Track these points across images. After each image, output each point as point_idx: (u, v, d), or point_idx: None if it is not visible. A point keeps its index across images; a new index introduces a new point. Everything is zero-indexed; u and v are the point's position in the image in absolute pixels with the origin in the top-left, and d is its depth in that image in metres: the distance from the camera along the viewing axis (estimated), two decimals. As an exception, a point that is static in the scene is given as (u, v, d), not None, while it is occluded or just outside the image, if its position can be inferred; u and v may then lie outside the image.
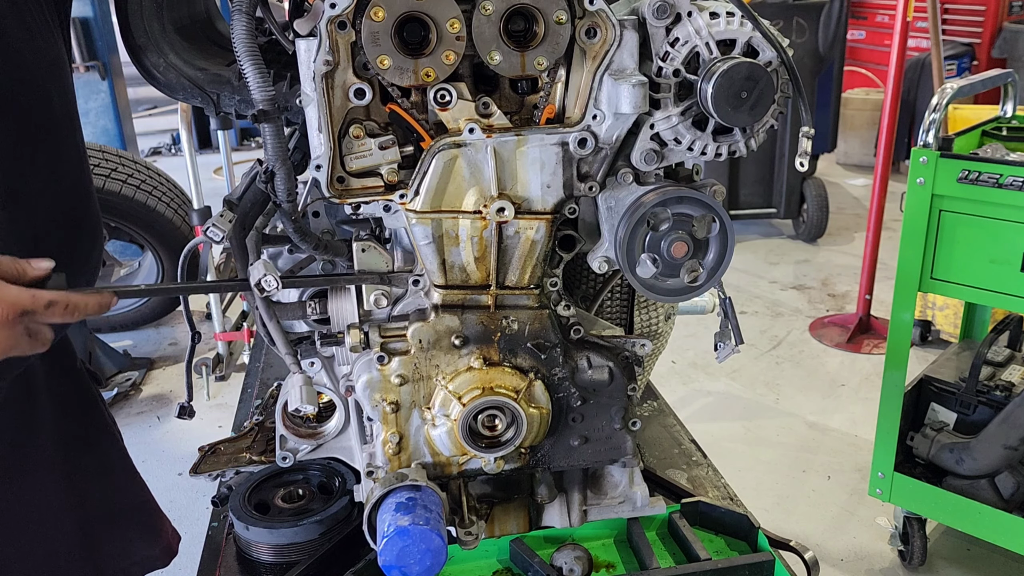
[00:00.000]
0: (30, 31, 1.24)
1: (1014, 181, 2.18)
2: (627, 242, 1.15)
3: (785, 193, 5.50)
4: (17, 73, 1.21)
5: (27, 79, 1.23)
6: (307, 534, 1.38)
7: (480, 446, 1.21)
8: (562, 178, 1.17)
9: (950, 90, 2.40)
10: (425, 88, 1.12)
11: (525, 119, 1.17)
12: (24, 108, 1.23)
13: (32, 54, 1.24)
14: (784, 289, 5.05)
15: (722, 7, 1.14)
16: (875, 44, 7.17)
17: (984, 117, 2.85)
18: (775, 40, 1.14)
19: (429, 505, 1.17)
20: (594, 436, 1.28)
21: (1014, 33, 6.47)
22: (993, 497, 2.50)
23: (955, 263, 2.35)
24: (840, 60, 5.49)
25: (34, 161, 1.26)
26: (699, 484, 1.60)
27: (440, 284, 1.20)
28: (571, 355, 1.24)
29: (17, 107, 1.21)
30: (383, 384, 1.20)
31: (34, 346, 1.04)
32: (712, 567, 1.30)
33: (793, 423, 3.69)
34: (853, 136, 7.06)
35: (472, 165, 1.14)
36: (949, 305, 4.05)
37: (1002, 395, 2.61)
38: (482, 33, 1.09)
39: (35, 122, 1.25)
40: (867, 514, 3.04)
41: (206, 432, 3.41)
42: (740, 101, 1.12)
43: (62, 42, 1.34)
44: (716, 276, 1.20)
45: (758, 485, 3.24)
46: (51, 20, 1.30)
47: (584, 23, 1.11)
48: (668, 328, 1.56)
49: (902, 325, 2.53)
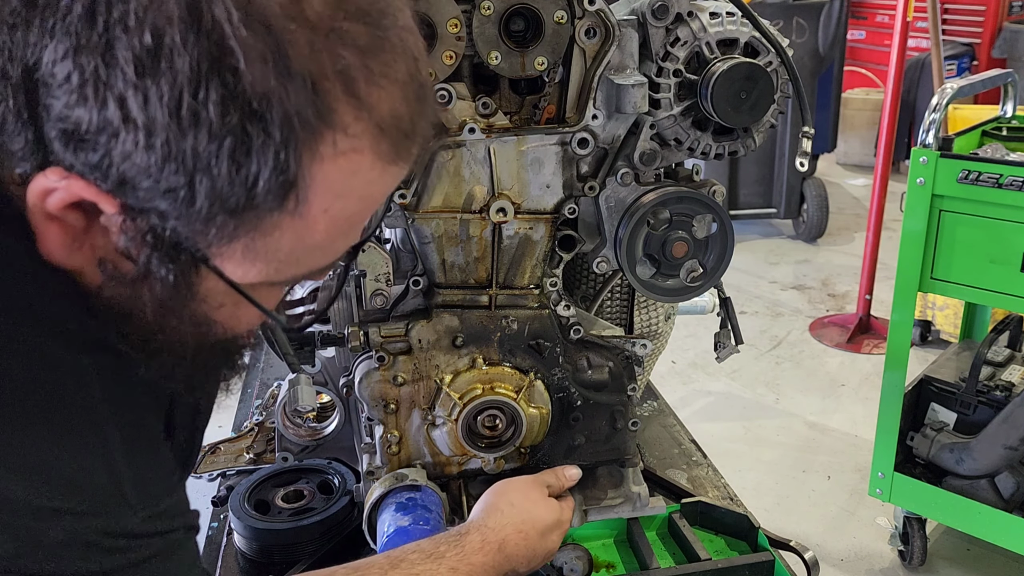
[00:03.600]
0: None
1: (1014, 181, 2.18)
2: (627, 242, 1.15)
3: (785, 193, 5.50)
4: None
5: None
6: (307, 534, 1.38)
7: (480, 446, 1.21)
8: (562, 178, 1.17)
9: (950, 90, 2.40)
10: (425, 88, 1.12)
11: (525, 119, 1.17)
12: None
13: None
14: (784, 289, 5.05)
15: (722, 7, 1.14)
16: (875, 44, 7.16)
17: (984, 117, 2.85)
18: (775, 40, 1.14)
19: (429, 505, 1.17)
20: (594, 436, 1.28)
21: (1014, 33, 6.47)
22: (993, 497, 2.50)
23: (955, 263, 2.35)
24: (840, 60, 5.48)
25: None
26: (699, 484, 1.60)
27: (440, 284, 1.20)
28: (571, 355, 1.24)
29: None
30: (383, 384, 1.20)
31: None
32: (712, 567, 1.30)
33: (793, 423, 3.69)
34: (853, 136, 7.05)
35: (472, 165, 1.14)
36: (949, 305, 4.05)
37: (1002, 395, 2.60)
38: (482, 33, 1.09)
39: None
40: (867, 514, 3.04)
41: (206, 432, 3.40)
42: (740, 101, 1.12)
43: None
44: (716, 276, 1.20)
45: (758, 485, 3.24)
46: None
47: (584, 23, 1.11)
48: (668, 328, 1.55)
49: (902, 325, 2.53)
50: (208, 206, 0.62)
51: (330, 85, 0.62)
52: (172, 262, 0.67)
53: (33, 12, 0.59)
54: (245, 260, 0.68)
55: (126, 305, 0.71)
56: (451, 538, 1.04)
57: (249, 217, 0.64)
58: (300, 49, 0.60)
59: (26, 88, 0.61)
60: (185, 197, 0.61)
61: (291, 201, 0.63)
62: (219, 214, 0.63)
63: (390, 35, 0.65)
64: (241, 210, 0.63)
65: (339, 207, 0.67)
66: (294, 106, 0.60)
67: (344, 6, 0.63)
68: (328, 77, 0.61)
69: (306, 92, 0.60)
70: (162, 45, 0.57)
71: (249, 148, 0.60)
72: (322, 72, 0.61)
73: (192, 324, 0.73)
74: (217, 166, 0.60)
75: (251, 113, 0.59)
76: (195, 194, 0.61)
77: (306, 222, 0.66)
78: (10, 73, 0.61)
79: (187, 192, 0.61)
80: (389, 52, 0.65)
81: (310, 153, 0.62)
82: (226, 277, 0.69)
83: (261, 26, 0.59)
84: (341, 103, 0.63)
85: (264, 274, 0.70)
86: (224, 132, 0.59)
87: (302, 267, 0.72)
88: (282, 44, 0.59)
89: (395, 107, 0.66)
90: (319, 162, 0.63)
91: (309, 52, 0.60)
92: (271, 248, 0.67)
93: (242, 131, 0.59)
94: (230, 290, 0.70)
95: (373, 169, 0.67)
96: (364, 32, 0.63)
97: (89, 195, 0.64)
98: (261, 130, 0.60)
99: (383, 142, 0.66)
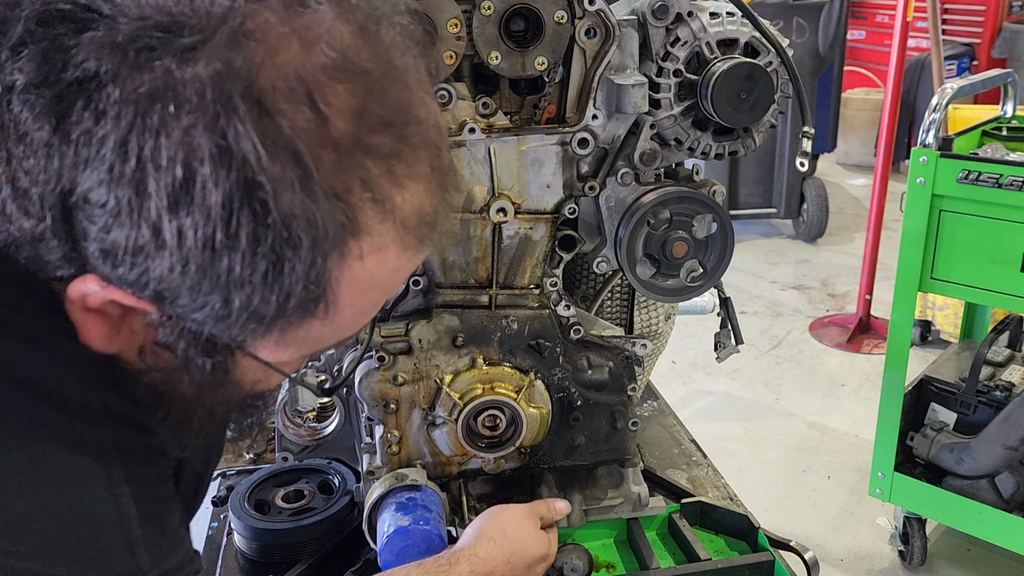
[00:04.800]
0: None
1: (1014, 181, 2.18)
2: (627, 242, 1.15)
3: (785, 193, 5.49)
4: None
5: None
6: (307, 534, 1.37)
7: (480, 446, 1.21)
8: (562, 178, 1.17)
9: (950, 90, 2.40)
10: (425, 88, 1.12)
11: (525, 119, 1.17)
12: None
13: None
14: (784, 289, 5.04)
15: (722, 7, 1.14)
16: (875, 44, 7.16)
17: (984, 117, 2.85)
18: (775, 40, 1.14)
19: (429, 505, 1.17)
20: (594, 436, 1.28)
21: (1014, 33, 6.46)
22: (993, 497, 2.50)
23: (955, 263, 2.35)
24: (840, 60, 5.48)
25: None
26: (699, 484, 1.60)
27: (440, 284, 1.20)
28: (571, 355, 1.24)
29: None
30: (383, 384, 1.20)
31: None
32: (712, 567, 1.30)
33: (793, 423, 3.69)
34: (853, 136, 7.05)
35: (472, 165, 1.14)
36: (949, 305, 4.05)
37: (1002, 395, 2.60)
38: (482, 33, 1.09)
39: None
40: (867, 514, 3.04)
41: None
42: (740, 101, 1.12)
43: None
44: (716, 276, 1.20)
45: (758, 485, 3.23)
46: None
47: (584, 23, 1.11)
48: (668, 328, 1.55)
49: (902, 325, 2.53)
50: (244, 319, 0.65)
51: (356, 199, 0.63)
52: (209, 355, 0.70)
53: (67, 145, 0.61)
54: (277, 348, 0.71)
55: (164, 389, 0.74)
56: (440, 567, 1.06)
57: (281, 324, 0.67)
58: (326, 171, 0.61)
59: (63, 209, 0.63)
60: (221, 311, 0.64)
61: (321, 309, 0.66)
62: (253, 323, 0.66)
63: (411, 136, 0.66)
64: (274, 319, 0.66)
65: (365, 298, 0.70)
66: (324, 223, 0.62)
67: (368, 120, 0.63)
68: (354, 191, 0.63)
69: (333, 209, 0.62)
70: (194, 181, 0.59)
71: (282, 269, 0.62)
72: (348, 188, 0.63)
73: (223, 397, 0.77)
74: (251, 286, 0.62)
75: (283, 238, 0.61)
76: (231, 309, 0.64)
77: (334, 319, 0.68)
78: (46, 197, 0.63)
79: (223, 307, 0.64)
80: (411, 152, 0.66)
81: (339, 263, 0.64)
82: (262, 360, 0.73)
83: (288, 153, 0.60)
84: (367, 212, 0.64)
85: (294, 355, 0.75)
86: (258, 257, 0.61)
87: (329, 343, 0.76)
88: (308, 169, 0.60)
89: (419, 204, 0.68)
90: (347, 269, 0.65)
91: (335, 171, 0.62)
92: (301, 338, 0.70)
93: (274, 254, 0.61)
94: (264, 366, 0.74)
95: (398, 260, 0.69)
96: (388, 141, 0.64)
97: (128, 302, 0.66)
98: (292, 251, 0.61)
99: (408, 236, 0.68)
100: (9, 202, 0.64)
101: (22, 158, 0.62)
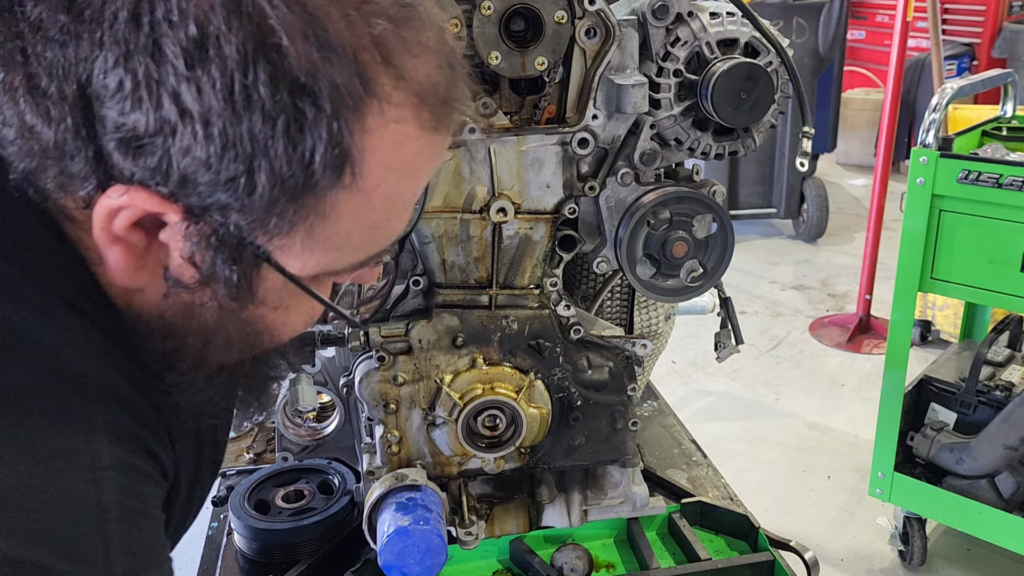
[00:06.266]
0: None
1: (1014, 181, 2.18)
2: (627, 242, 1.15)
3: (785, 193, 5.50)
4: None
5: None
6: (307, 534, 1.38)
7: (480, 446, 1.21)
8: (562, 178, 1.17)
9: (950, 90, 2.40)
10: (425, 88, 1.12)
11: (525, 119, 1.17)
12: None
13: None
14: (784, 289, 5.05)
15: (722, 7, 1.14)
16: (875, 44, 7.17)
17: (984, 117, 2.85)
18: (775, 40, 1.14)
19: (429, 505, 1.17)
20: (594, 436, 1.28)
21: (1014, 33, 6.47)
22: (993, 497, 2.50)
23: (955, 263, 2.35)
24: (840, 60, 5.48)
25: None
26: (699, 484, 1.60)
27: (440, 284, 1.20)
28: (571, 355, 1.24)
29: None
30: (383, 384, 1.20)
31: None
32: (712, 567, 1.30)
33: (793, 423, 3.69)
34: (853, 136, 7.05)
35: (472, 165, 1.14)
36: (949, 305, 4.05)
37: (1002, 395, 2.61)
38: (482, 33, 1.09)
39: None
40: (867, 514, 3.04)
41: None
42: (740, 101, 1.12)
43: None
44: (716, 276, 1.20)
45: (758, 485, 3.24)
46: None
47: (584, 23, 1.11)
48: (668, 328, 1.55)
49: (902, 325, 2.53)
50: (268, 191, 0.64)
51: (368, 56, 0.64)
52: (235, 263, 0.69)
53: (81, 26, 0.61)
54: (304, 251, 0.70)
55: (184, 318, 0.73)
56: None
57: (308, 200, 0.66)
58: (336, 23, 0.62)
59: (82, 105, 0.63)
60: (245, 185, 0.63)
61: (347, 175, 0.66)
62: (280, 198, 0.64)
63: (416, 7, 0.68)
64: (301, 192, 0.65)
65: (391, 181, 0.70)
66: (339, 78, 0.62)
67: None
68: (366, 48, 0.64)
69: (348, 63, 0.63)
70: (207, 34, 0.59)
71: (302, 124, 0.62)
72: (360, 44, 0.64)
73: (242, 336, 0.76)
74: (274, 146, 0.62)
75: (300, 88, 0.61)
76: (255, 180, 0.63)
77: (363, 197, 0.68)
78: (65, 92, 0.63)
79: (247, 179, 0.63)
80: (417, 21, 0.68)
81: (359, 124, 0.64)
82: (287, 272, 0.71)
83: (298, 5, 0.61)
84: (380, 73, 0.65)
85: (323, 264, 0.72)
86: (277, 111, 0.61)
87: (359, 252, 0.74)
88: (319, 20, 0.62)
89: (431, 74, 0.69)
90: (368, 134, 0.65)
91: (345, 25, 0.63)
92: (329, 233, 0.69)
93: (293, 108, 0.61)
94: (288, 288, 0.73)
95: (418, 139, 0.69)
96: (392, 4, 0.66)
97: (152, 205, 0.66)
98: (311, 104, 0.62)
99: (424, 111, 0.68)
100: (30, 112, 0.64)
101: (40, 51, 0.62)
